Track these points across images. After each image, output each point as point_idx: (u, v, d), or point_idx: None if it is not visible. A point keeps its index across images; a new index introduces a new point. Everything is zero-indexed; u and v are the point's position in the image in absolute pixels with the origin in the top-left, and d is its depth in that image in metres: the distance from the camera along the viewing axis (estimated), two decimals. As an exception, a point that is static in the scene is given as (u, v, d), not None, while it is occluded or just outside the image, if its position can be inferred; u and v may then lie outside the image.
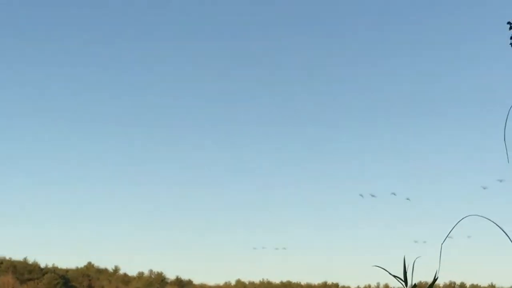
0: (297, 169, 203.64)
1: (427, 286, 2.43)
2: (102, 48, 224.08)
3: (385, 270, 2.50)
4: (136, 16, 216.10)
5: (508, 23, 7.96)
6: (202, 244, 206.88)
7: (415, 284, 2.42)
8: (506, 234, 2.65)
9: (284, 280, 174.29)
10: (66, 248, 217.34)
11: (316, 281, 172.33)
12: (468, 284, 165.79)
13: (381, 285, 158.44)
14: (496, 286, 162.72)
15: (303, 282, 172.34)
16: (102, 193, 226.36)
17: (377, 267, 2.55)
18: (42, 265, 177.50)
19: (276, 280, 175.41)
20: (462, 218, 2.74)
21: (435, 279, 2.49)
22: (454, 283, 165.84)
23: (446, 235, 2.74)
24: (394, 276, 2.45)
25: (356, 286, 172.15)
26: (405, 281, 2.44)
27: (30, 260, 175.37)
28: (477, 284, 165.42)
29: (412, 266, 2.47)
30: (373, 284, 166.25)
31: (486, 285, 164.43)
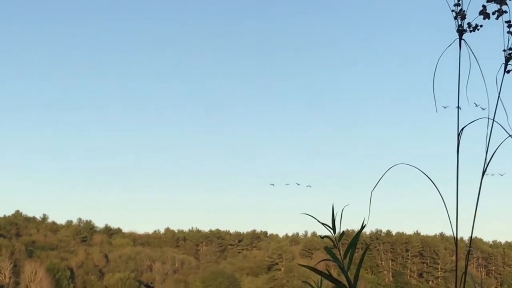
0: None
1: (355, 233, 2.28)
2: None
3: (313, 217, 2.33)
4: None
5: None
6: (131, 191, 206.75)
7: (343, 231, 2.27)
8: (433, 182, 2.52)
9: (213, 228, 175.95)
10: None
11: (245, 229, 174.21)
12: (394, 232, 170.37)
13: (309, 233, 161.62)
14: (421, 233, 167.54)
15: (232, 230, 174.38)
16: (29, 139, 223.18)
17: (306, 215, 2.38)
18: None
19: (205, 228, 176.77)
20: (391, 167, 2.60)
21: (362, 227, 2.34)
22: (381, 231, 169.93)
23: (376, 183, 2.57)
24: (322, 224, 2.28)
25: (284, 233, 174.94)
26: (333, 228, 2.28)
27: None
28: (402, 232, 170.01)
29: (340, 213, 2.35)
30: (301, 232, 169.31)
31: (411, 233, 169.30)
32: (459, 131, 2.54)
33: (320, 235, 2.25)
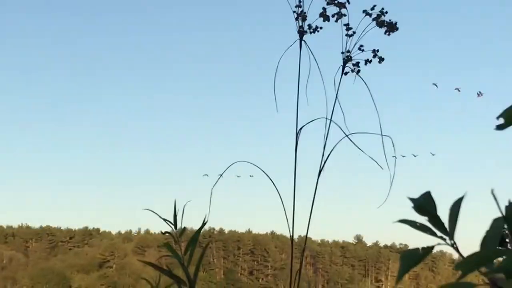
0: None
1: (197, 229, 2.28)
2: None
3: (155, 213, 2.30)
4: None
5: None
6: None
7: (184, 227, 2.26)
8: (271, 180, 2.56)
9: (44, 224, 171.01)
10: None
11: (77, 226, 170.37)
12: (226, 230, 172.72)
13: (142, 230, 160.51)
14: (253, 232, 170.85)
15: (63, 227, 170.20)
16: None
17: (148, 210, 2.34)
18: None
19: (35, 224, 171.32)
20: (232, 164, 2.61)
21: (204, 223, 2.33)
22: (214, 229, 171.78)
23: (217, 180, 2.58)
24: (164, 219, 2.25)
25: (117, 231, 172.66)
26: (175, 224, 2.26)
27: None
28: (235, 230, 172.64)
29: (182, 209, 2.33)
30: (134, 229, 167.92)
31: (243, 231, 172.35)
32: (298, 130, 2.58)
33: (161, 231, 2.22)
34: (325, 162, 2.55)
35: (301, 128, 2.59)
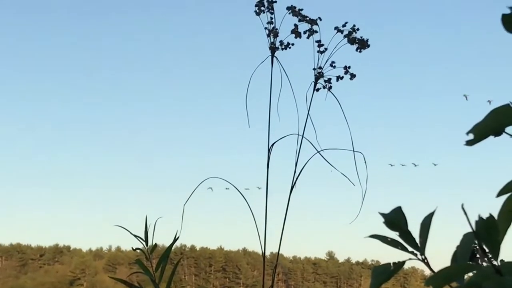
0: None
1: (168, 246, 2.27)
2: None
3: (126, 229, 2.29)
4: None
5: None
6: None
7: (155, 244, 2.25)
8: (243, 196, 2.56)
9: (14, 242, 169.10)
10: None
11: (48, 243, 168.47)
12: (198, 247, 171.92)
13: (113, 247, 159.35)
14: (225, 248, 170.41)
15: (33, 244, 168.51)
16: None
17: (119, 227, 2.33)
18: None
19: (5, 242, 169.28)
20: (203, 180, 2.60)
21: (175, 239, 2.32)
22: (185, 245, 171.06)
23: (189, 196, 2.57)
24: (135, 236, 2.23)
25: (88, 248, 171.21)
26: (146, 240, 2.25)
27: None
28: (207, 247, 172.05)
29: (153, 226, 2.32)
30: (105, 246, 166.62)
31: (215, 247, 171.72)
32: (270, 146, 2.59)
33: (132, 248, 2.20)
34: (297, 178, 2.55)
35: (273, 144, 2.60)
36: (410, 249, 0.86)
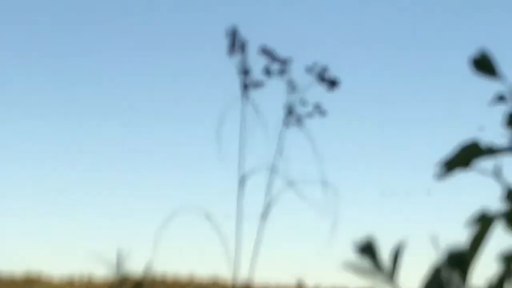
0: None
1: (140, 274, 2.28)
2: None
3: (99, 257, 2.29)
4: None
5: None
6: None
7: (128, 272, 2.26)
8: (216, 226, 2.58)
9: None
10: None
11: (18, 271, 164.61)
12: (169, 275, 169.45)
13: (86, 275, 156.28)
14: (196, 277, 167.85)
15: (3, 273, 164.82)
16: None
17: (92, 255, 2.33)
18: None
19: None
20: (177, 211, 2.62)
21: (147, 268, 2.33)
22: (156, 273, 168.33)
23: (162, 226, 2.58)
24: (108, 264, 2.24)
25: (59, 276, 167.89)
26: (118, 269, 2.25)
27: None
28: (177, 275, 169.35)
29: (126, 254, 2.34)
30: (78, 274, 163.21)
31: (186, 276, 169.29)
32: (242, 178, 2.62)
33: (105, 276, 2.19)
34: (268, 210, 2.58)
35: (245, 176, 2.63)
36: (381, 277, 0.88)
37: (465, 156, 0.92)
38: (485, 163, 0.93)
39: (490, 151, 0.92)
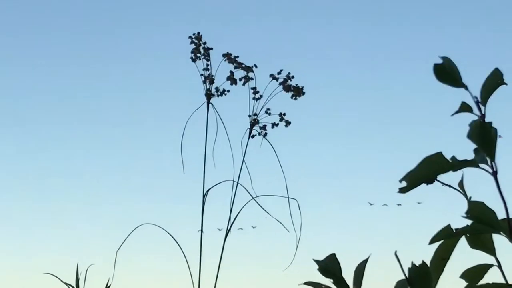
0: None
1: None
2: None
3: (56, 277, 2.23)
4: None
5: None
6: None
7: None
8: (178, 243, 2.53)
9: None
10: None
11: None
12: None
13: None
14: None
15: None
16: None
17: (49, 274, 2.27)
18: None
19: None
20: (137, 227, 2.56)
21: (107, 287, 2.27)
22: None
23: (122, 243, 2.53)
24: (66, 284, 2.18)
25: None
26: (76, 287, 2.20)
27: None
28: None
29: (85, 273, 2.27)
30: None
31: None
32: (205, 192, 2.58)
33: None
34: (232, 225, 2.54)
35: (208, 190, 2.59)
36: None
37: (430, 169, 0.91)
38: (450, 176, 0.91)
39: (455, 164, 0.90)
